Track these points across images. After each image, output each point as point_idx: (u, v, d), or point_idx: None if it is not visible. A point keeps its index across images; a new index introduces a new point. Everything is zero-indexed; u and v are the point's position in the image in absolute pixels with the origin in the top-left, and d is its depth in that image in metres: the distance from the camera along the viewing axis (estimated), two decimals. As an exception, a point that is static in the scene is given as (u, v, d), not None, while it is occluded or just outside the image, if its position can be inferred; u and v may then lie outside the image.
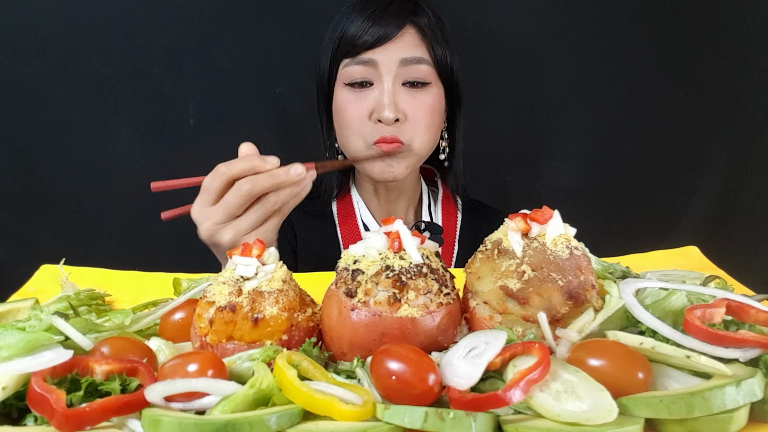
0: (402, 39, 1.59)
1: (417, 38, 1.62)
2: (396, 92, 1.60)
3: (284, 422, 0.68)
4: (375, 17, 1.58)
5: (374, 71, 1.60)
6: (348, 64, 1.62)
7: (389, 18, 1.58)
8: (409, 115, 1.61)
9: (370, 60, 1.59)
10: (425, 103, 1.63)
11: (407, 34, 1.61)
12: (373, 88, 1.62)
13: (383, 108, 1.57)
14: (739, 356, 0.75)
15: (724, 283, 1.03)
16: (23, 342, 0.76)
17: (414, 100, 1.62)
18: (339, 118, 1.69)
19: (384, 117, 1.57)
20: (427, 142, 1.68)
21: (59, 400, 0.68)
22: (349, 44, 1.60)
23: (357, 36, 1.58)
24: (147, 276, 1.25)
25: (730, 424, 0.66)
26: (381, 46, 1.58)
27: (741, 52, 2.28)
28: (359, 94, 1.63)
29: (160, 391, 0.71)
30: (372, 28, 1.57)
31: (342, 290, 0.84)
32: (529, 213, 0.88)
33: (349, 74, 1.62)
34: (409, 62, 1.59)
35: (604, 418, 0.65)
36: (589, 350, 0.76)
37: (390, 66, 1.59)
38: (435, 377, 0.73)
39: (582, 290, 0.83)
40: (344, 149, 1.74)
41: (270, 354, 0.78)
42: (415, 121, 1.62)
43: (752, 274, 1.22)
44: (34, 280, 1.19)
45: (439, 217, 1.90)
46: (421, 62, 1.61)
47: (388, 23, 1.58)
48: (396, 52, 1.58)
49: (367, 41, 1.57)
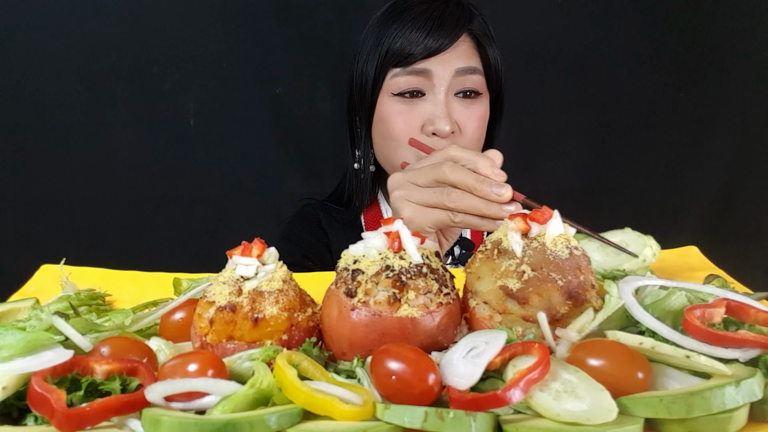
0: (457, 48, 1.53)
1: (472, 47, 1.57)
2: (449, 103, 1.53)
3: (284, 422, 0.68)
4: (430, 27, 1.50)
5: (427, 81, 1.53)
6: (398, 74, 1.54)
7: (446, 29, 1.51)
8: (462, 126, 1.56)
9: (423, 70, 1.52)
10: (477, 114, 1.58)
11: (462, 42, 1.55)
12: (425, 99, 1.55)
13: (438, 120, 1.51)
14: (738, 356, 0.75)
15: (725, 282, 1.03)
16: (24, 342, 0.76)
17: (467, 111, 1.57)
18: (384, 129, 1.61)
19: (440, 130, 1.50)
20: None
21: (59, 400, 0.68)
22: (400, 54, 1.52)
23: (409, 46, 1.50)
24: (147, 276, 1.25)
25: (729, 424, 0.66)
26: (436, 56, 1.51)
27: (741, 52, 2.28)
28: (410, 105, 1.56)
29: (161, 391, 0.71)
30: (427, 39, 1.49)
31: (342, 290, 0.84)
32: (529, 213, 0.88)
33: (398, 84, 1.55)
34: (464, 72, 1.53)
35: (603, 418, 0.65)
36: (589, 350, 0.76)
37: (444, 76, 1.52)
38: (435, 377, 0.73)
39: (582, 290, 0.83)
40: (386, 160, 1.67)
41: (270, 354, 0.79)
42: (469, 132, 1.57)
43: (752, 274, 1.22)
44: (34, 279, 1.19)
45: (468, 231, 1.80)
46: (475, 72, 1.56)
47: (445, 35, 1.50)
48: (451, 62, 1.52)
49: (421, 52, 1.50)
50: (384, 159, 1.68)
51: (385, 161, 1.68)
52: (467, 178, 1.17)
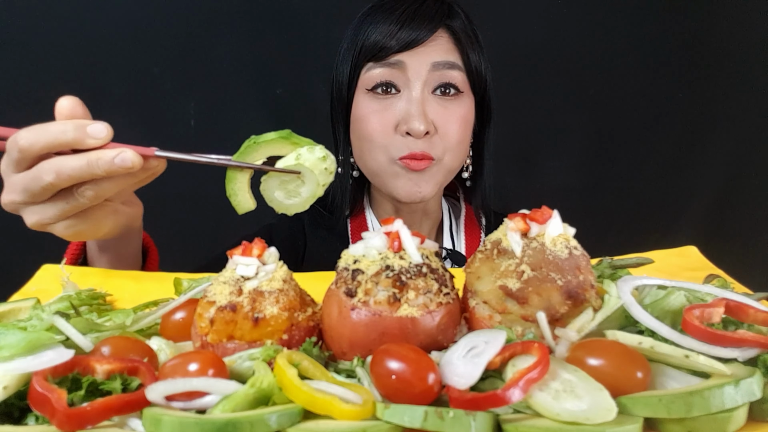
0: (434, 43, 1.43)
1: (450, 43, 1.46)
2: (426, 101, 1.43)
3: (284, 421, 0.68)
4: (404, 20, 1.41)
5: (401, 75, 1.43)
6: (372, 68, 1.45)
7: (420, 21, 1.41)
8: (440, 127, 1.45)
9: (397, 62, 1.42)
10: (458, 114, 1.46)
11: (440, 38, 1.45)
12: (400, 96, 1.45)
13: (412, 119, 1.40)
14: (737, 356, 0.75)
15: (725, 282, 1.03)
16: (24, 341, 0.77)
17: (445, 110, 1.45)
18: (359, 128, 1.51)
19: (413, 129, 1.40)
20: (459, 158, 1.52)
21: (60, 400, 0.68)
22: (374, 48, 1.43)
23: (383, 39, 1.41)
24: (147, 276, 1.25)
25: (728, 424, 0.67)
26: (411, 50, 1.42)
27: (741, 52, 2.28)
28: (384, 102, 1.46)
29: (161, 391, 0.71)
30: (401, 32, 1.40)
31: (342, 290, 0.84)
32: (529, 213, 0.88)
33: (372, 78, 1.45)
34: (441, 66, 1.43)
35: (603, 417, 0.65)
36: (588, 350, 0.76)
37: (419, 70, 1.42)
38: (435, 376, 0.73)
39: (581, 290, 0.83)
40: (362, 164, 1.57)
41: (270, 353, 0.79)
42: (447, 134, 1.45)
43: (751, 274, 1.22)
44: (35, 279, 1.19)
45: (462, 242, 1.71)
46: (454, 67, 1.45)
47: (419, 27, 1.41)
48: (427, 56, 1.42)
49: (394, 45, 1.41)
50: (360, 162, 1.57)
51: (361, 164, 1.57)
52: (76, 170, 0.90)
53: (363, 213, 1.73)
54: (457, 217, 1.75)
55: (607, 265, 1.09)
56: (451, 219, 1.74)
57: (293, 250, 1.70)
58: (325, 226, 1.72)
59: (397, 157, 1.44)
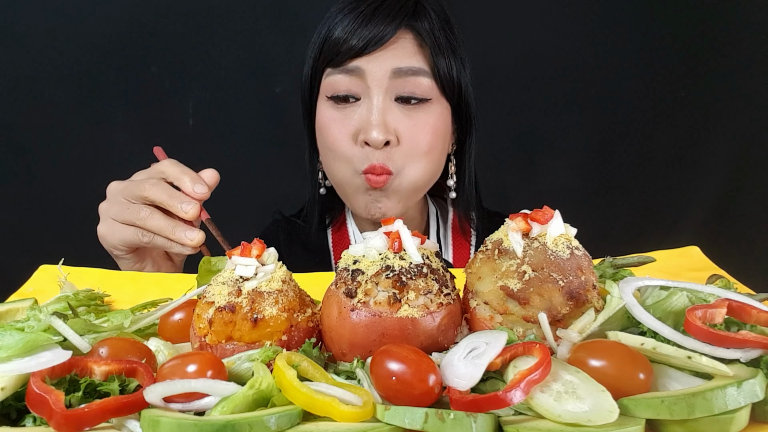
0: (396, 45, 1.34)
1: (414, 45, 1.36)
2: (387, 109, 1.33)
3: (284, 423, 0.68)
4: (364, 17, 1.32)
5: (361, 83, 1.34)
6: (331, 74, 1.37)
7: (381, 18, 1.32)
8: (404, 136, 1.35)
9: (355, 69, 1.33)
10: (424, 123, 1.36)
11: (403, 39, 1.35)
12: (360, 103, 1.36)
13: (370, 128, 1.31)
14: (740, 357, 0.74)
15: (727, 282, 1.02)
16: (22, 342, 0.76)
17: (409, 119, 1.35)
18: (321, 138, 1.43)
19: (371, 139, 1.31)
20: (425, 171, 1.41)
21: (58, 401, 0.68)
22: (333, 50, 1.34)
23: (342, 40, 1.33)
24: (146, 276, 1.24)
25: (731, 425, 0.66)
26: (370, 54, 1.32)
27: (741, 52, 2.28)
28: (344, 110, 1.38)
29: (159, 392, 0.71)
30: (360, 30, 1.31)
31: (342, 290, 0.84)
32: (530, 213, 0.88)
33: (331, 86, 1.37)
34: (404, 73, 1.33)
35: (605, 419, 0.65)
36: (590, 351, 0.76)
37: (379, 77, 1.33)
38: (435, 378, 0.72)
39: (583, 290, 0.83)
40: (329, 174, 1.48)
41: (269, 354, 0.78)
42: (413, 144, 1.36)
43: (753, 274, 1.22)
44: (33, 280, 1.19)
45: (449, 248, 1.65)
46: (419, 74, 1.34)
47: (380, 24, 1.31)
48: (387, 61, 1.33)
49: (353, 46, 1.31)
50: (327, 172, 1.48)
51: (329, 174, 1.48)
52: (161, 194, 1.12)
53: (345, 225, 1.67)
54: (445, 221, 1.69)
55: (609, 264, 1.08)
56: (438, 224, 1.67)
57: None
58: (301, 241, 1.67)
59: (360, 170, 1.37)
